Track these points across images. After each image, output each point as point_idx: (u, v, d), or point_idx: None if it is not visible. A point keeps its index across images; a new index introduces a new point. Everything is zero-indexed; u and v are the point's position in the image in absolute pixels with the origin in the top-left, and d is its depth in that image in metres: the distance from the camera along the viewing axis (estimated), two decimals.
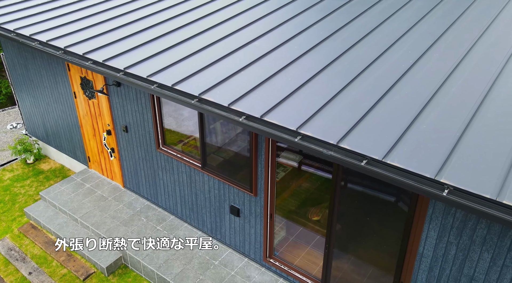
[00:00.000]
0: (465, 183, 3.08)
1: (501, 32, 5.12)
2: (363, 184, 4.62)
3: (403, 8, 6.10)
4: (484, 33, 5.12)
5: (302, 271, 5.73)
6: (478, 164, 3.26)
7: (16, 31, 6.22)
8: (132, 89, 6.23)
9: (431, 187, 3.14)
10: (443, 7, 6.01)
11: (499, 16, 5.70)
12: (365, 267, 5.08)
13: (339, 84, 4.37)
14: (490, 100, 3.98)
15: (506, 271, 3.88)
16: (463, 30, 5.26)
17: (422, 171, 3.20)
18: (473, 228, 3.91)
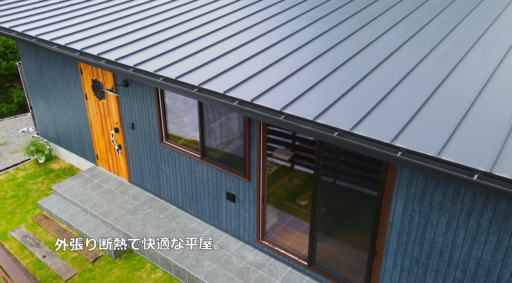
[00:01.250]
0: (414, 146, 3.79)
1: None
2: (341, 171, 5.31)
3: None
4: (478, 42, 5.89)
5: (291, 250, 6.37)
6: (428, 131, 3.96)
7: (38, 36, 7.00)
8: (139, 89, 6.97)
9: (387, 150, 3.85)
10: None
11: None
12: (345, 242, 5.73)
13: (318, 76, 5.11)
14: (442, 87, 4.71)
15: (459, 232, 4.55)
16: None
17: (381, 138, 3.91)
18: (432, 196, 4.59)
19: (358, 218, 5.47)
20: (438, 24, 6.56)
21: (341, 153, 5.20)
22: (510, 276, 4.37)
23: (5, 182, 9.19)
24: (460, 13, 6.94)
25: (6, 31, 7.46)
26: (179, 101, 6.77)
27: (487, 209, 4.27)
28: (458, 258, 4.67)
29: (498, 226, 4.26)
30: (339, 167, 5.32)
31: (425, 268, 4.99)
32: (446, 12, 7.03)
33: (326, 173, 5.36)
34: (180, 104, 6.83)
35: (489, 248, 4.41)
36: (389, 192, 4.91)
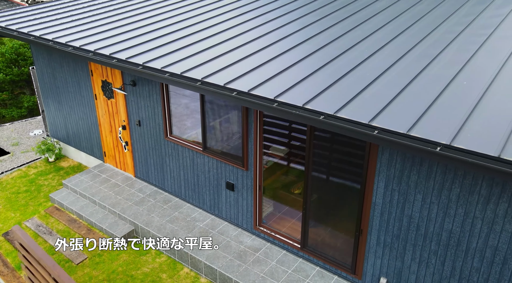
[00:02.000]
0: (388, 125, 4.38)
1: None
2: (329, 158, 5.90)
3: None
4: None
5: (286, 234, 6.92)
6: (401, 113, 4.55)
7: (54, 39, 7.64)
8: (146, 87, 7.60)
9: (366, 130, 4.44)
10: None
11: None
12: (334, 224, 6.28)
13: (309, 71, 5.72)
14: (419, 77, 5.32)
15: (432, 207, 5.12)
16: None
17: (361, 119, 4.51)
18: (408, 175, 5.18)
19: (345, 201, 6.03)
20: (418, 27, 7.20)
21: (329, 142, 5.79)
22: (477, 245, 4.93)
23: (18, 179, 9.76)
24: (439, 18, 7.59)
25: (24, 36, 8.10)
26: (181, 106, 7.39)
27: (455, 185, 4.85)
28: (433, 232, 5.23)
29: (465, 199, 4.84)
30: (328, 155, 5.90)
31: (405, 242, 5.54)
32: (426, 18, 7.68)
33: (316, 161, 5.94)
34: (183, 109, 7.44)
35: (458, 220, 4.98)
36: (371, 174, 5.49)
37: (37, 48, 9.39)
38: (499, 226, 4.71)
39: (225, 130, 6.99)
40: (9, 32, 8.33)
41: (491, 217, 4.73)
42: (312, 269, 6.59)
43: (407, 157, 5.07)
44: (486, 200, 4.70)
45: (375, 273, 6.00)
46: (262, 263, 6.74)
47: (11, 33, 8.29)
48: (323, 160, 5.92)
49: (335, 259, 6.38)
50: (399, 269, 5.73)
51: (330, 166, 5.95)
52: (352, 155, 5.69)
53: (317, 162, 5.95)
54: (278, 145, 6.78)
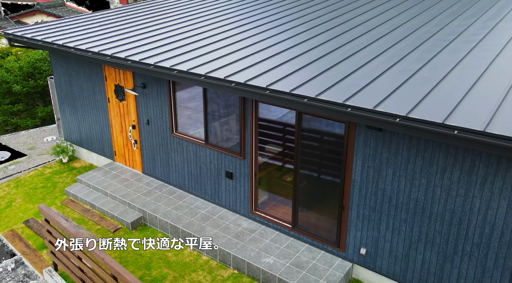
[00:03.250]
0: (358, 103, 5.33)
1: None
2: (315, 144, 6.83)
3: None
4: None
5: (279, 216, 7.78)
6: (370, 95, 5.49)
7: (76, 47, 8.68)
8: (154, 89, 8.58)
9: (340, 107, 5.39)
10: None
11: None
12: (321, 204, 7.15)
13: (297, 67, 6.71)
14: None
15: (401, 180, 6.02)
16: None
17: (335, 100, 5.46)
18: (381, 153, 6.09)
19: (329, 183, 6.92)
20: (409, 40, 8.24)
21: (314, 132, 6.72)
22: (438, 210, 5.81)
23: (35, 177, 10.65)
24: (426, 34, 8.63)
25: (48, 44, 9.15)
26: (186, 105, 8.36)
27: (418, 158, 5.77)
28: (402, 202, 6.11)
29: (426, 170, 5.74)
30: (313, 141, 6.83)
31: (379, 214, 6.42)
32: (415, 33, 8.72)
33: (304, 145, 6.87)
34: (187, 109, 8.41)
35: (422, 190, 5.87)
36: (350, 154, 6.41)
37: (56, 58, 10.44)
38: (454, 192, 5.60)
39: (225, 123, 7.93)
40: (35, 41, 9.38)
41: (447, 184, 5.63)
42: (302, 246, 7.42)
43: (379, 136, 6.00)
44: (443, 170, 5.60)
45: (356, 245, 6.84)
46: (258, 241, 7.58)
47: (37, 43, 9.35)
48: (310, 147, 6.85)
49: (322, 236, 7.22)
50: (376, 238, 6.58)
51: (316, 151, 6.86)
52: (334, 140, 6.61)
53: (304, 147, 6.87)
54: (275, 143, 7.71)
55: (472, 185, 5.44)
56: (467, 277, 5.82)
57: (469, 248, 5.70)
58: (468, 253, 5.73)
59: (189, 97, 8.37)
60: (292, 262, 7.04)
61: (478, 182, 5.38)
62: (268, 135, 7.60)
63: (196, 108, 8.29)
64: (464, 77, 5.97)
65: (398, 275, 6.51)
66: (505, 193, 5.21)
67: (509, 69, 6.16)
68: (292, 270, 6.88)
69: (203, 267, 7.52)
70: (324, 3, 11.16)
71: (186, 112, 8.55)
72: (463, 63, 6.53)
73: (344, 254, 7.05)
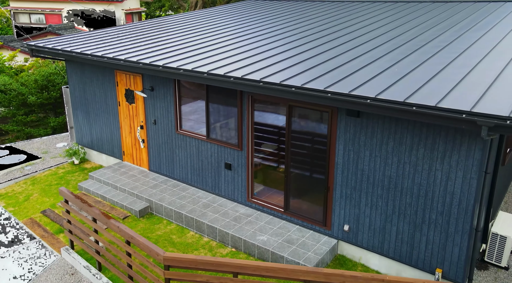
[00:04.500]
0: (338, 89, 6.34)
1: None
2: (302, 133, 7.81)
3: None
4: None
5: (272, 202, 8.68)
6: (347, 84, 6.49)
7: (92, 54, 9.77)
8: (161, 91, 9.62)
9: (321, 93, 6.40)
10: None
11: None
12: (309, 189, 8.07)
13: (289, 64, 7.75)
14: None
15: (377, 160, 6.97)
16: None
17: (319, 87, 6.48)
18: (359, 137, 7.07)
19: (316, 167, 7.85)
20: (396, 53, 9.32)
21: (302, 122, 7.71)
22: (407, 184, 6.74)
23: (50, 176, 11.57)
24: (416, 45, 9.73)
25: (67, 53, 10.24)
26: (189, 105, 9.38)
27: (390, 140, 6.74)
28: (378, 179, 7.05)
29: (397, 150, 6.71)
30: (301, 132, 7.81)
31: (359, 192, 7.34)
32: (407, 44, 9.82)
33: (294, 139, 7.85)
34: (190, 108, 9.43)
35: (394, 167, 6.82)
36: (333, 140, 7.38)
37: (72, 67, 11.53)
38: (420, 167, 6.56)
39: (224, 119, 8.92)
40: (55, 51, 10.48)
41: (414, 161, 6.58)
42: (293, 227, 8.30)
43: (357, 122, 6.99)
44: (410, 148, 6.57)
45: (340, 222, 7.73)
46: (253, 223, 8.46)
47: (57, 52, 10.45)
48: (299, 139, 7.83)
49: (311, 217, 8.11)
50: (357, 215, 7.48)
51: (304, 141, 7.83)
52: (319, 130, 7.59)
53: (294, 139, 7.85)
54: (269, 137, 8.67)
55: (434, 160, 6.40)
56: (434, 242, 6.70)
57: (434, 216, 6.61)
58: (433, 221, 6.63)
59: (191, 110, 9.37)
60: (283, 239, 7.91)
61: (438, 157, 6.34)
62: (263, 130, 8.57)
63: (198, 108, 9.29)
64: (427, 71, 7.00)
65: (377, 247, 7.38)
66: (461, 165, 6.16)
67: (465, 65, 7.19)
68: (284, 245, 7.75)
69: (204, 246, 8.38)
70: (314, 19, 12.33)
71: (189, 112, 9.55)
72: (429, 61, 7.57)
73: (330, 232, 7.92)
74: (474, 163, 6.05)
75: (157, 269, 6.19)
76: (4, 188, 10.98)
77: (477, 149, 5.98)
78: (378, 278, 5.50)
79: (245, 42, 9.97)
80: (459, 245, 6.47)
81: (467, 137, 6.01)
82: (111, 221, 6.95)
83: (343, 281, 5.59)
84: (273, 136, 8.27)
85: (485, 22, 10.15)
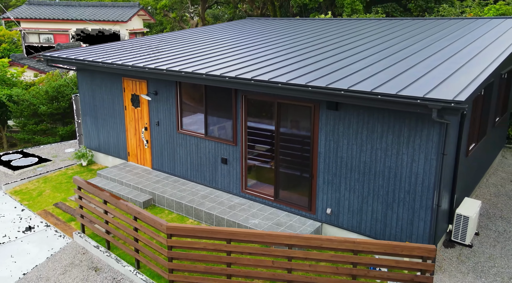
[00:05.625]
0: (317, 84, 7.40)
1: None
2: (290, 129, 8.84)
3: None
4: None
5: (263, 191, 9.64)
6: (327, 79, 7.54)
7: (103, 61, 10.89)
8: (164, 94, 10.70)
9: (303, 88, 7.45)
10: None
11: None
12: (296, 178, 9.04)
13: (278, 66, 8.83)
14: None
15: (353, 148, 7.98)
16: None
17: (300, 82, 7.55)
18: (337, 128, 8.10)
19: (302, 157, 8.85)
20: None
21: (290, 118, 8.75)
22: (379, 168, 7.73)
23: (60, 175, 12.54)
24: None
25: (80, 61, 11.36)
26: (189, 107, 10.44)
27: (363, 129, 7.77)
28: (355, 165, 8.04)
29: (370, 137, 7.73)
30: (289, 127, 8.84)
31: (339, 178, 8.32)
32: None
33: (282, 135, 8.87)
34: (186, 121, 10.48)
35: (368, 153, 7.83)
36: (316, 132, 8.41)
37: (82, 76, 12.65)
38: (389, 152, 7.56)
39: (221, 118, 9.97)
40: (69, 60, 11.61)
41: (385, 147, 7.60)
42: (282, 213, 9.24)
43: (336, 115, 8.03)
44: (381, 135, 7.60)
45: (324, 206, 8.69)
46: (246, 210, 9.41)
47: (70, 60, 11.58)
48: (286, 134, 8.86)
49: (298, 203, 9.06)
50: (337, 199, 8.44)
51: (291, 135, 8.86)
52: (303, 123, 8.62)
53: (282, 132, 8.88)
54: (261, 133, 9.71)
55: (401, 145, 7.41)
56: (403, 219, 7.66)
57: (403, 195, 7.58)
58: (402, 200, 7.60)
59: (191, 111, 10.44)
60: (273, 222, 8.85)
61: (404, 142, 7.36)
62: (255, 126, 9.61)
63: (197, 118, 10.35)
64: (395, 71, 8.07)
65: (355, 227, 8.32)
66: (422, 148, 7.18)
67: (428, 66, 8.27)
68: (273, 227, 8.68)
69: None
70: (303, 34, 13.53)
71: (189, 123, 10.60)
72: (398, 64, 8.65)
73: (315, 216, 8.87)
74: (433, 145, 7.07)
75: (161, 238, 7.12)
76: (19, 186, 11.94)
77: (435, 134, 7.00)
78: (349, 240, 6.45)
79: (239, 50, 11.11)
80: (424, 219, 7.43)
81: (426, 124, 7.05)
82: (120, 201, 7.91)
83: (320, 243, 6.54)
84: (264, 132, 9.29)
85: (454, 35, 11.29)
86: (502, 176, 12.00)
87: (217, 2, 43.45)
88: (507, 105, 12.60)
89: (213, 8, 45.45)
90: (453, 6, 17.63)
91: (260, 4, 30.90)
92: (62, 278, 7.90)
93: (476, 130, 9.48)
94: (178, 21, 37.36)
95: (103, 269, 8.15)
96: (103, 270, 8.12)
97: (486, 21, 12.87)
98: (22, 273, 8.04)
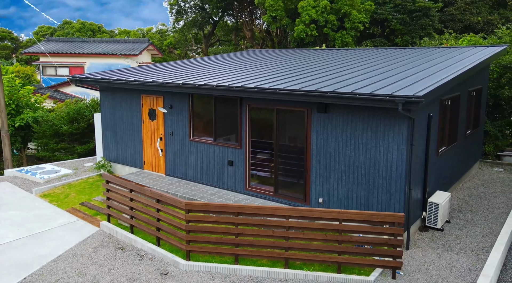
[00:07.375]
0: (308, 88, 9.08)
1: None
2: (287, 131, 10.46)
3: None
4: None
5: (265, 188, 11.15)
6: (320, 84, 9.20)
7: (127, 79, 12.65)
8: (178, 107, 12.39)
9: (297, 93, 9.13)
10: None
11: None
12: (292, 174, 10.58)
13: (275, 79, 10.55)
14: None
15: (340, 144, 9.58)
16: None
17: (294, 88, 9.23)
18: (326, 127, 9.72)
19: (297, 155, 10.41)
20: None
21: (287, 121, 10.38)
22: (361, 159, 9.29)
23: (82, 183, 14.05)
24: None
25: (105, 80, 13.13)
26: (199, 117, 12.09)
27: (348, 127, 9.40)
28: (342, 158, 9.61)
29: (353, 134, 9.34)
30: (286, 129, 10.46)
31: (329, 171, 9.87)
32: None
33: (280, 135, 10.49)
34: (197, 130, 12.14)
35: (352, 148, 9.42)
36: (309, 132, 10.02)
37: (104, 95, 14.40)
38: (369, 145, 9.16)
39: (227, 126, 11.60)
40: (95, 80, 13.39)
41: (365, 141, 9.20)
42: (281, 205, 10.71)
43: (325, 117, 9.67)
44: (362, 132, 9.21)
45: (316, 197, 10.18)
46: (250, 203, 10.88)
47: (96, 80, 13.34)
48: (284, 136, 10.48)
49: (294, 196, 10.55)
50: (328, 189, 9.95)
51: (288, 136, 10.47)
52: (298, 125, 10.25)
53: (280, 135, 10.50)
54: (262, 136, 11.32)
55: (378, 139, 9.01)
56: (382, 202, 9.15)
57: (381, 181, 9.11)
58: (381, 185, 9.12)
59: (201, 121, 12.11)
60: None
61: (381, 136, 8.96)
62: (257, 130, 11.23)
63: (207, 126, 12.00)
64: (373, 80, 9.79)
65: None
66: (395, 140, 8.77)
67: (401, 76, 9.98)
68: None
69: None
70: (298, 59, 15.40)
71: (199, 131, 12.24)
72: (377, 76, 10.38)
73: (309, 206, 10.33)
74: (403, 138, 8.67)
75: (180, 214, 8.60)
76: (47, 191, 13.42)
77: (405, 128, 8.62)
78: (335, 211, 7.93)
79: (243, 69, 12.90)
80: (399, 201, 8.92)
81: (398, 120, 8.68)
82: (145, 187, 9.42)
83: (311, 214, 8.02)
84: (265, 134, 10.91)
85: (428, 58, 13.13)
86: (476, 182, 13.52)
87: (219, 40, 46.17)
88: (478, 121, 14.27)
89: (215, 46, 48.10)
90: (433, 39, 19.69)
91: (260, 41, 33.29)
92: (94, 255, 9.29)
93: (446, 135, 11.10)
94: (182, 58, 39.75)
95: (128, 248, 9.54)
96: (128, 249, 9.51)
97: (458, 49, 14.77)
98: (60, 252, 9.43)
